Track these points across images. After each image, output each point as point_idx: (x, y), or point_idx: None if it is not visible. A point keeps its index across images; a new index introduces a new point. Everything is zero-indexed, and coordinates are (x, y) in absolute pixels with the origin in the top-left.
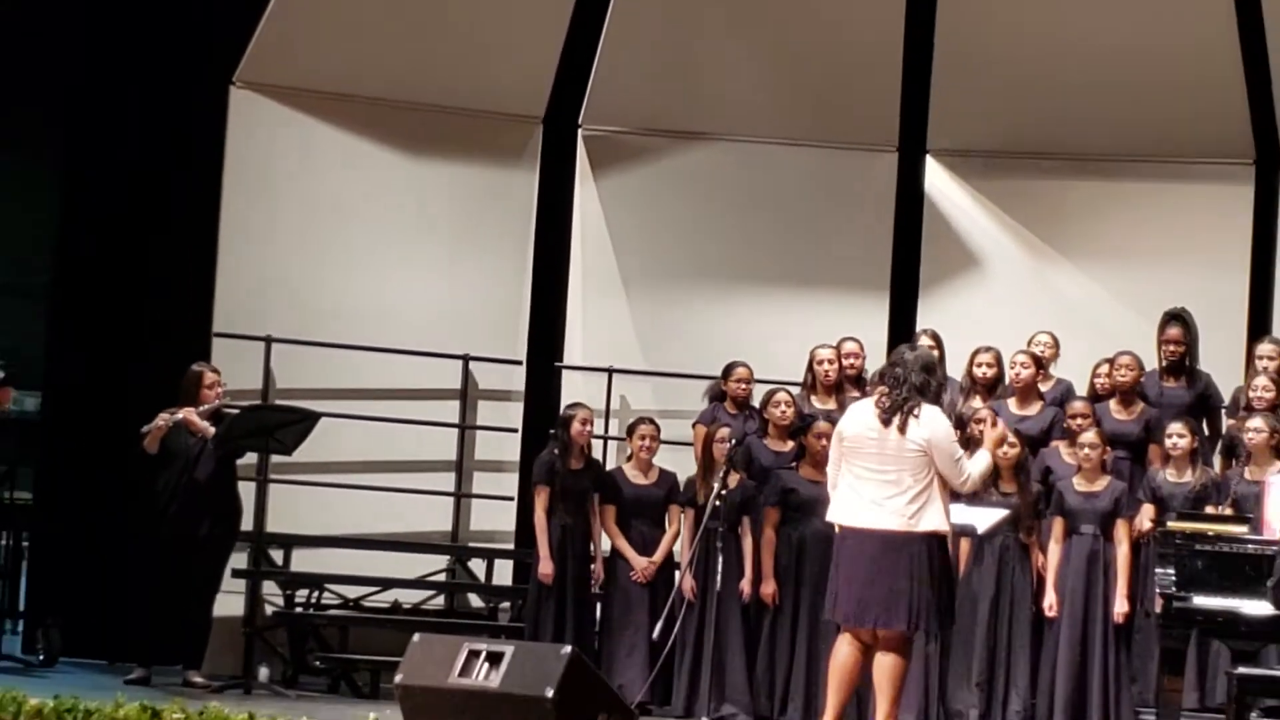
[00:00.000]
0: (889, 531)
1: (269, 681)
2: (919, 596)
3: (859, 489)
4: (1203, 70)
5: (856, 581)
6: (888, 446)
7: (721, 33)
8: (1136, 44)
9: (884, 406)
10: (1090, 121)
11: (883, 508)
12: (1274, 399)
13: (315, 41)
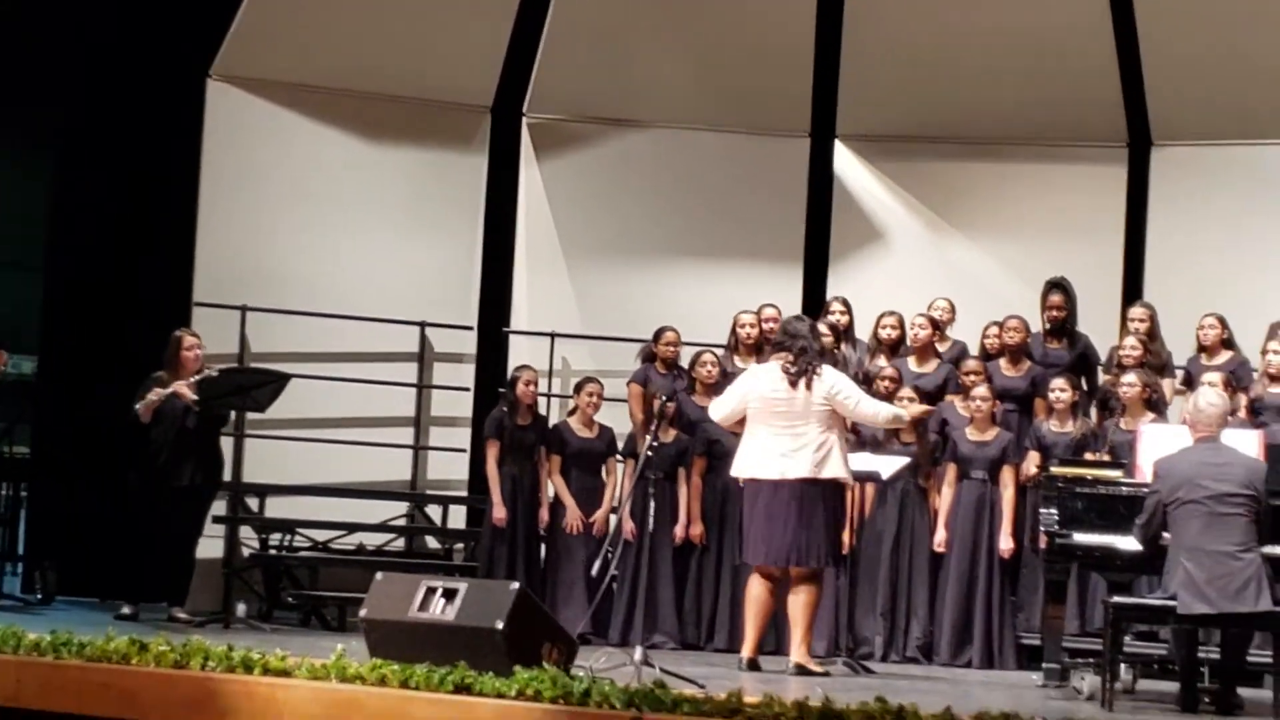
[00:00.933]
0: (799, 480)
1: (246, 617)
2: (824, 537)
3: (768, 445)
4: (1082, 61)
5: (773, 527)
6: (796, 405)
7: (652, 28)
8: (1023, 36)
9: (791, 371)
10: (982, 108)
11: (792, 459)
12: (1141, 356)
13: (284, 37)
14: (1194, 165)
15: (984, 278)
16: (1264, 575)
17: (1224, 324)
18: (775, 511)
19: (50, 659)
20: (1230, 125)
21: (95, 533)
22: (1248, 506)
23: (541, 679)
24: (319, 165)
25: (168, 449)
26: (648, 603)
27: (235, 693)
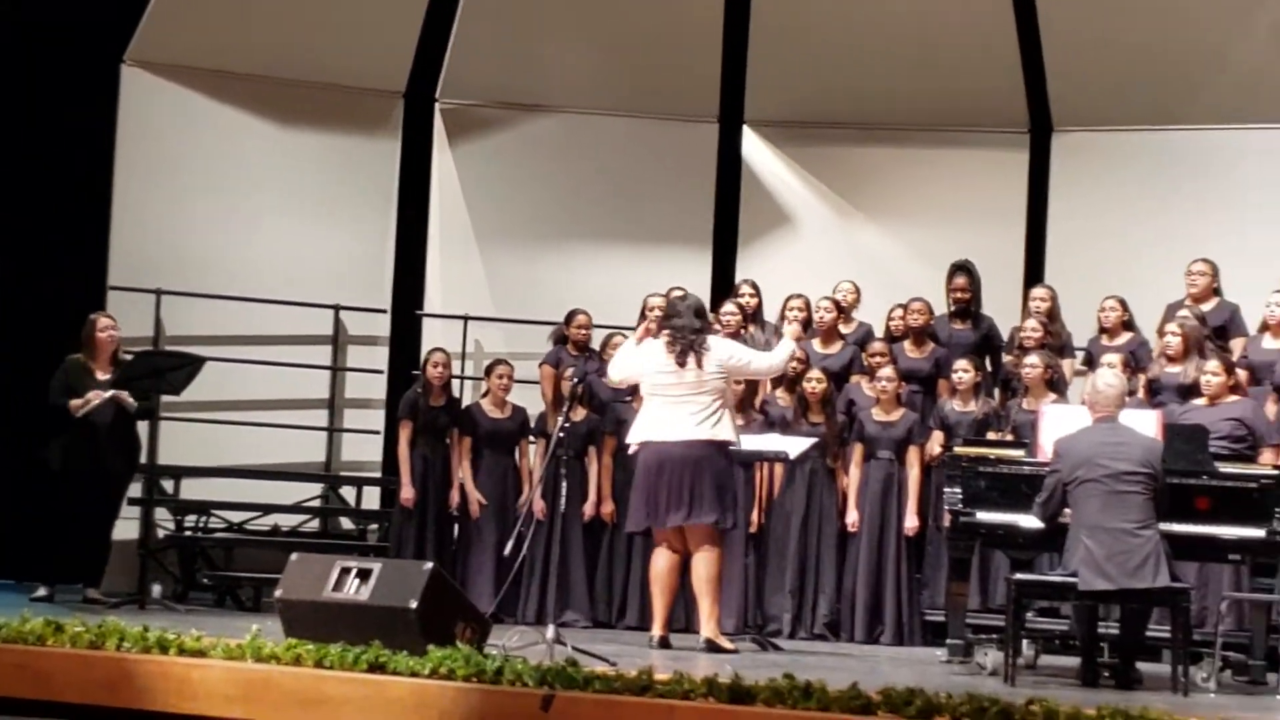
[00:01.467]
0: (687, 440)
1: (161, 598)
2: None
3: (661, 416)
4: (984, 48)
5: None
6: (687, 380)
7: (563, 14)
8: (927, 23)
9: (676, 351)
10: (888, 94)
11: (682, 423)
12: (1042, 338)
13: (198, 23)
14: (1094, 150)
15: (889, 261)
16: (1162, 552)
17: (1124, 306)
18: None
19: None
20: (1130, 111)
21: (10, 515)
22: (1145, 484)
23: (455, 658)
24: (234, 150)
25: (85, 433)
26: (559, 581)
27: (150, 673)
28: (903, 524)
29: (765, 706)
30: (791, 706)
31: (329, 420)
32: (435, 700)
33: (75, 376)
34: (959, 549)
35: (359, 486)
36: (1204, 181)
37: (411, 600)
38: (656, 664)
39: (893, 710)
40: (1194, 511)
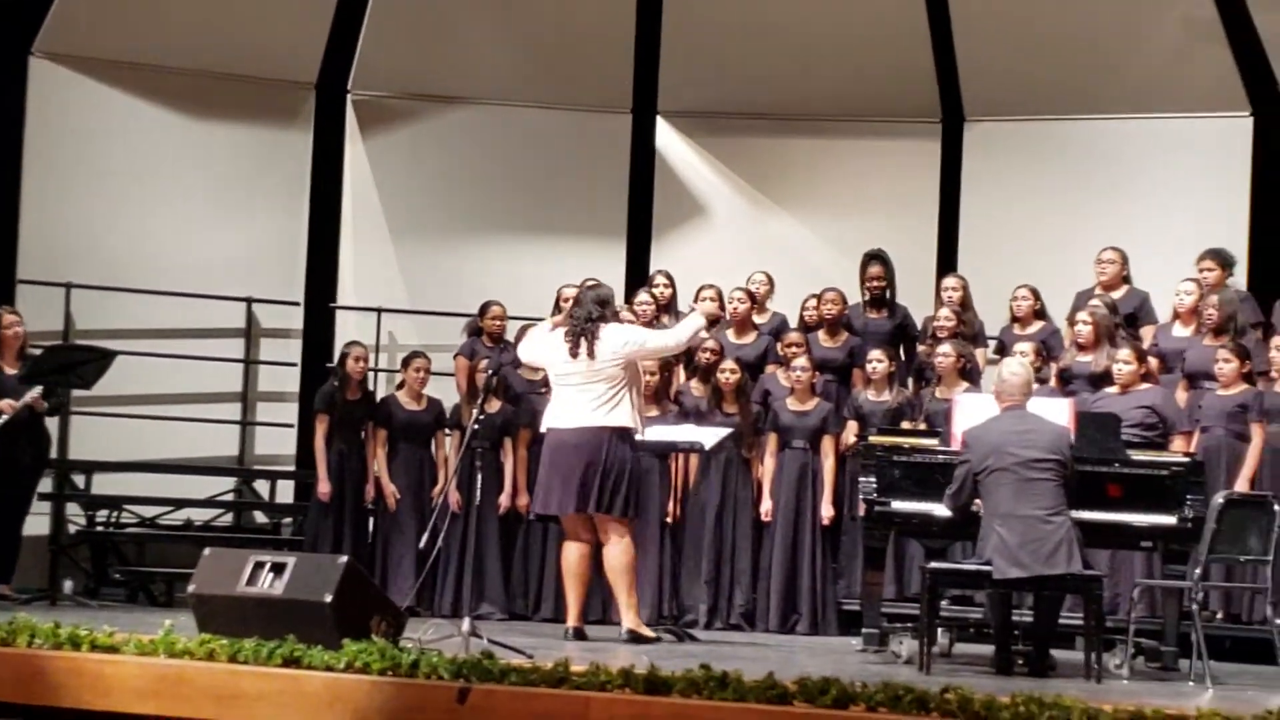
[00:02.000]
0: (582, 427)
1: (73, 593)
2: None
3: (565, 400)
4: (897, 39)
5: (558, 472)
6: (579, 368)
7: (476, 5)
8: (840, 15)
9: (570, 342)
10: (801, 85)
11: (579, 411)
12: (955, 327)
13: (107, 15)
14: (1006, 140)
15: (802, 251)
16: (1074, 538)
17: (1036, 295)
18: (567, 458)
19: None
20: (1041, 101)
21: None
22: (1055, 471)
23: (370, 651)
24: (145, 143)
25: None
26: (475, 573)
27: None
28: (818, 513)
29: (681, 697)
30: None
31: (242, 414)
32: (350, 694)
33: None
34: (874, 538)
35: (272, 480)
36: (1114, 171)
37: (326, 594)
38: (573, 656)
39: (808, 700)
40: (1106, 499)
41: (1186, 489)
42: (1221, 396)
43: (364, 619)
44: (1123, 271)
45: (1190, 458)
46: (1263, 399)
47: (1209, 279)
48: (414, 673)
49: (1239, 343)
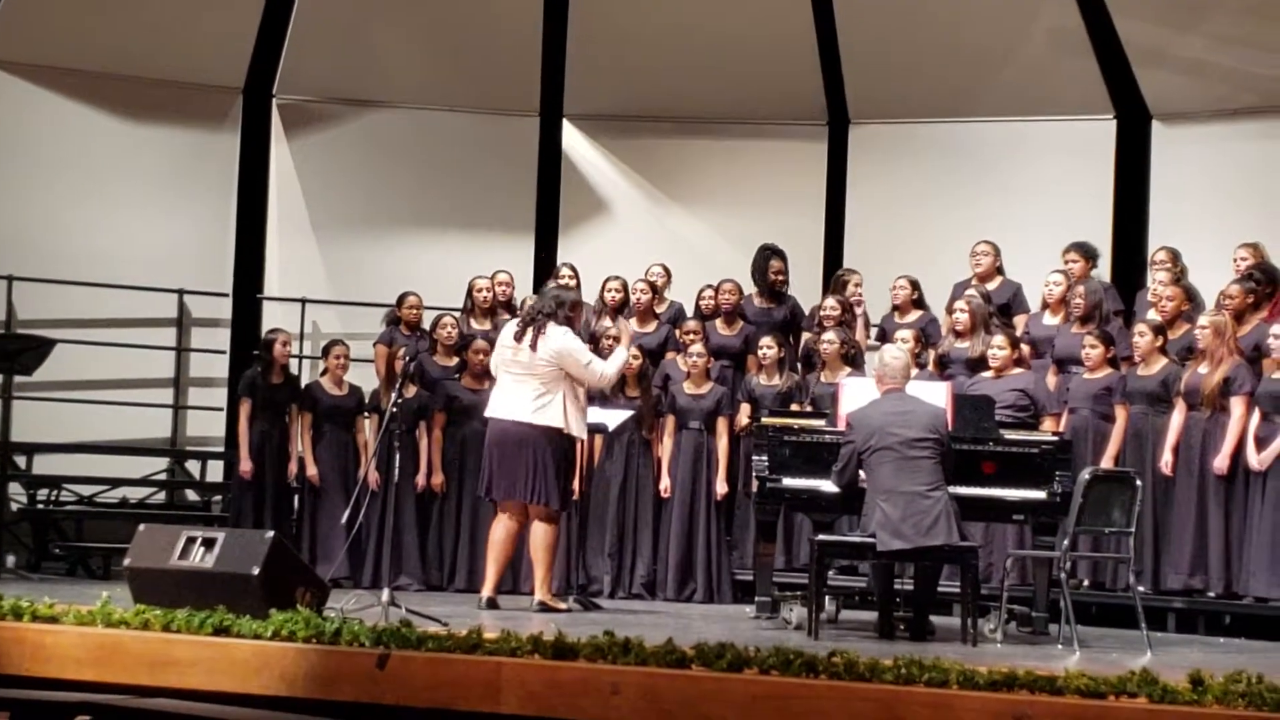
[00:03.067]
0: (516, 421)
1: (15, 568)
2: (537, 476)
3: (505, 389)
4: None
5: (495, 461)
6: (522, 357)
7: (393, 14)
8: (734, 23)
9: (519, 328)
10: (697, 90)
11: (517, 403)
12: (840, 316)
13: (46, 23)
14: (888, 141)
15: (699, 245)
16: (951, 512)
17: (915, 285)
18: (504, 450)
19: None
20: (921, 105)
21: None
22: (933, 450)
23: (295, 620)
24: (81, 143)
25: None
26: (393, 547)
27: (6, 639)
28: (713, 490)
29: (587, 662)
30: (612, 662)
31: (174, 398)
32: (277, 661)
33: None
34: (765, 512)
35: (203, 460)
36: (989, 170)
37: (254, 567)
38: (486, 623)
39: (705, 664)
40: (981, 475)
41: (1055, 466)
42: (1087, 380)
43: (290, 590)
44: (996, 264)
45: (1059, 437)
46: (1125, 382)
47: (1075, 270)
48: (337, 640)
49: (1103, 330)
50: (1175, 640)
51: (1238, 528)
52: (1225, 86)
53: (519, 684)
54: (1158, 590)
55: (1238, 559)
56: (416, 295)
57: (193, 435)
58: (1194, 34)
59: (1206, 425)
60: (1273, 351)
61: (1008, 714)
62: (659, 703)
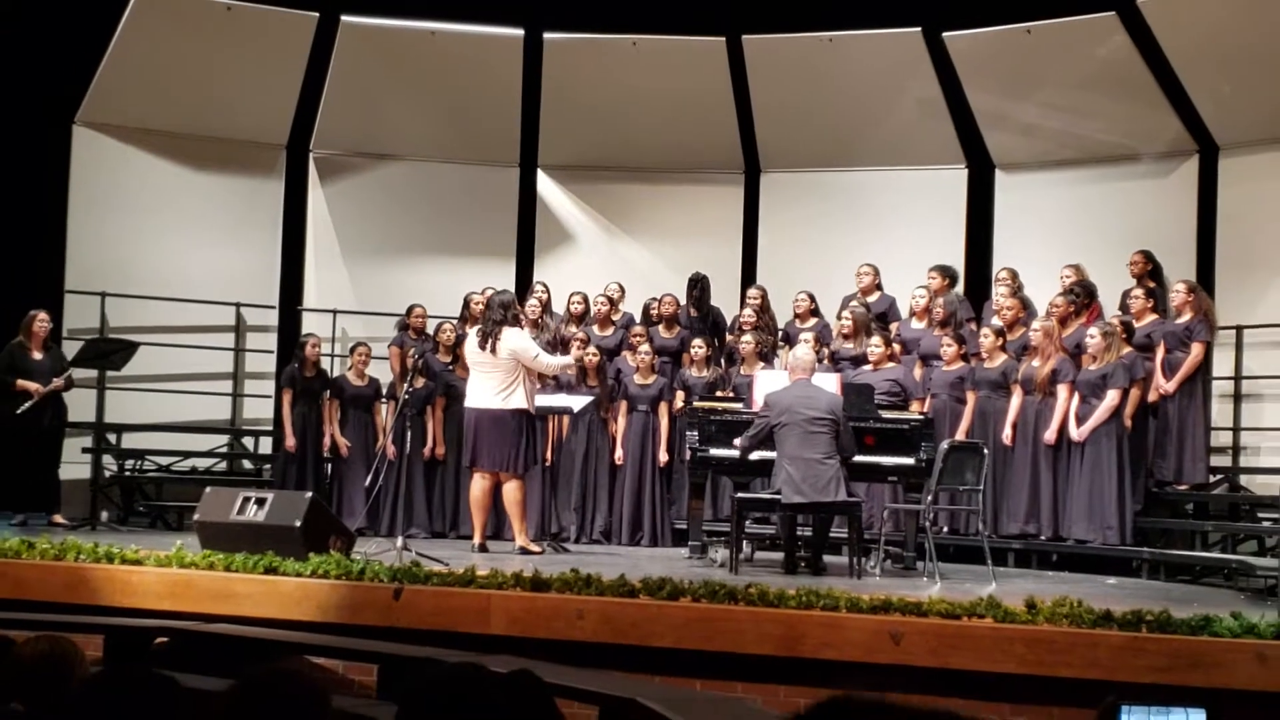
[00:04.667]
0: (489, 408)
1: (108, 521)
2: (510, 448)
3: (477, 383)
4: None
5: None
6: (486, 360)
7: (405, 87)
8: (671, 92)
9: (480, 337)
10: (643, 145)
11: (487, 394)
12: (755, 322)
13: (129, 92)
14: (790, 185)
15: (645, 267)
16: (841, 475)
17: (812, 298)
18: (479, 430)
19: None
20: (817, 156)
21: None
22: (830, 427)
23: (329, 562)
24: (160, 189)
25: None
26: (406, 504)
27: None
28: (656, 458)
29: (558, 593)
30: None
31: (233, 388)
32: (315, 594)
33: (16, 357)
34: (697, 476)
35: (255, 437)
36: (869, 207)
37: (296, 520)
38: (478, 564)
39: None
40: (864, 446)
41: (921, 438)
42: (945, 372)
43: (324, 538)
44: (875, 281)
45: (923, 416)
46: (974, 373)
47: (936, 286)
48: (361, 577)
49: (958, 333)
50: (1014, 573)
51: (1062, 485)
52: (1053, 143)
53: (504, 611)
54: (1000, 534)
55: (1062, 510)
56: (422, 306)
57: (248, 417)
58: (1028, 102)
59: (1038, 406)
60: (1089, 349)
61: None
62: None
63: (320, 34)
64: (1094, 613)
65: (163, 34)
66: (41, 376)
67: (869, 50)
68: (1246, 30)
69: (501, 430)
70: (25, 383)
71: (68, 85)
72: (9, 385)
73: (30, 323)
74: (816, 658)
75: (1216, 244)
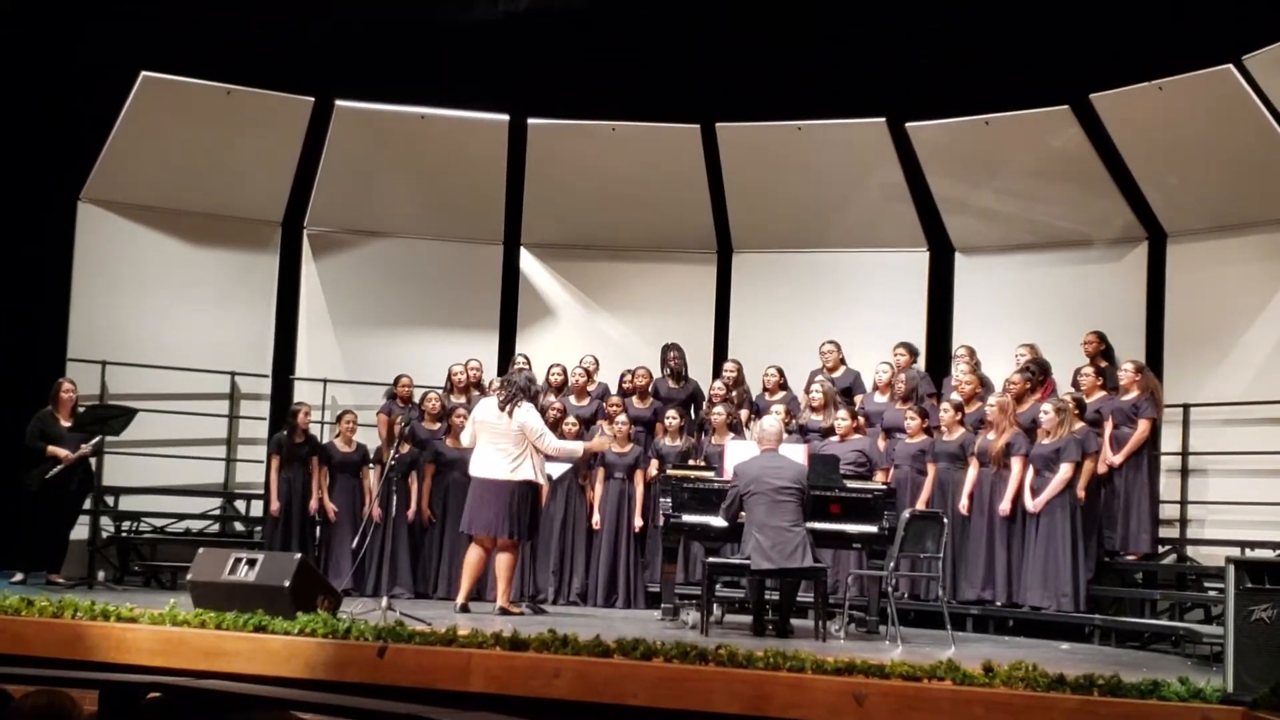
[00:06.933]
0: (497, 479)
1: (105, 580)
2: (507, 518)
3: (486, 454)
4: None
5: (475, 507)
6: (500, 426)
7: (392, 169)
8: (648, 177)
9: (500, 401)
10: (620, 225)
11: (496, 463)
12: (724, 395)
13: (134, 173)
14: (760, 265)
15: (621, 341)
16: (807, 542)
17: (781, 373)
18: (487, 499)
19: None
20: (785, 239)
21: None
22: (796, 495)
23: (316, 621)
24: (160, 262)
25: (60, 466)
26: (391, 565)
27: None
28: (631, 524)
29: (536, 652)
30: (554, 652)
31: (226, 453)
32: (302, 652)
33: (46, 424)
34: (670, 541)
35: (248, 500)
36: (835, 287)
37: (285, 581)
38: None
39: (624, 654)
40: (829, 514)
41: (884, 507)
42: (908, 444)
43: (312, 598)
44: (840, 357)
45: (887, 486)
46: (935, 446)
47: (899, 362)
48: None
49: (920, 407)
50: (972, 638)
51: (1017, 554)
52: (1009, 228)
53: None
54: (958, 600)
55: (1017, 577)
56: (408, 376)
57: (240, 481)
58: (987, 189)
59: (993, 478)
60: (1043, 424)
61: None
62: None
63: (316, 117)
64: (1048, 676)
65: (165, 116)
66: (69, 443)
67: (836, 138)
68: (1192, 126)
69: (505, 499)
70: (55, 449)
71: (74, 163)
72: (40, 451)
73: (58, 391)
74: (783, 717)
75: (1165, 326)
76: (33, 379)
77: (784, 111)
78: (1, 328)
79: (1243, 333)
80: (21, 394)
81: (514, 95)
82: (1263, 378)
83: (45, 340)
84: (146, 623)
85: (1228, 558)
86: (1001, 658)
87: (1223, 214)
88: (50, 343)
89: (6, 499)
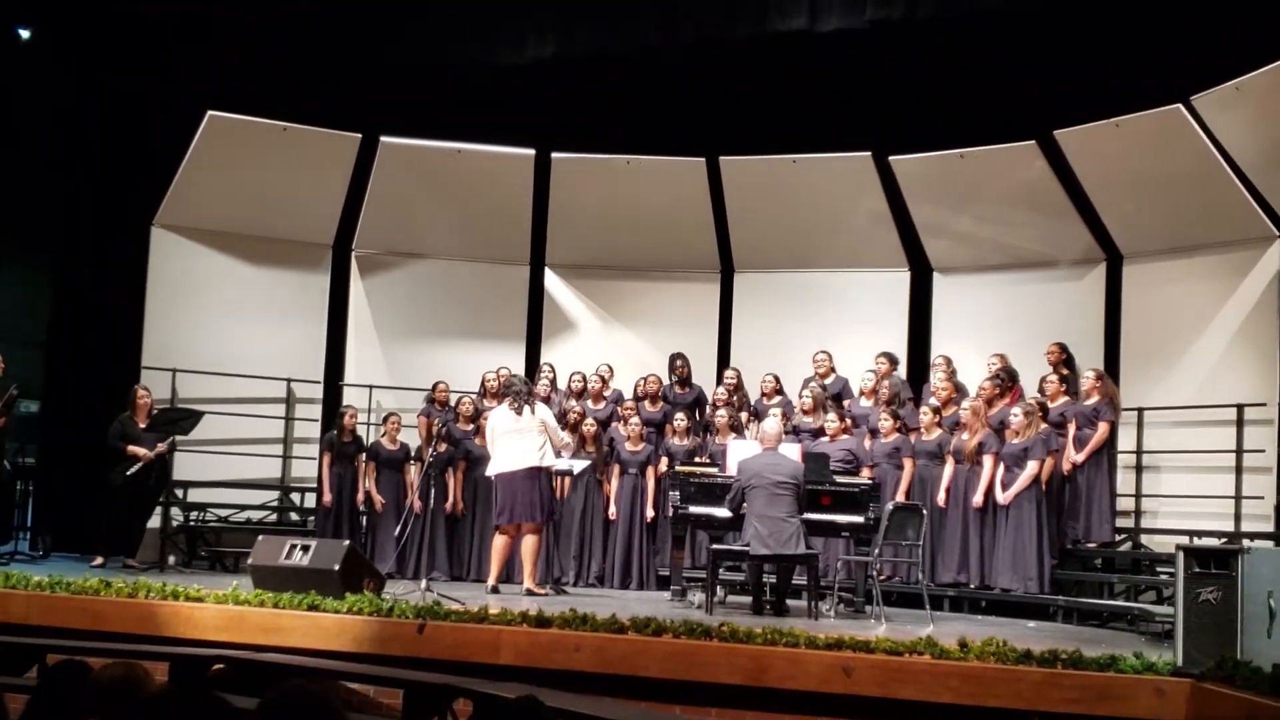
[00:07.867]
0: (521, 468)
1: (175, 565)
2: (531, 503)
3: (509, 448)
4: (693, 218)
5: (502, 499)
6: (524, 423)
7: (431, 196)
8: (658, 203)
9: (516, 406)
10: (633, 246)
11: (524, 453)
12: (727, 399)
13: (201, 200)
14: (759, 284)
15: (635, 351)
16: (801, 531)
17: (777, 380)
18: (512, 488)
19: (48, 592)
20: (782, 259)
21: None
22: (793, 489)
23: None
24: (225, 281)
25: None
26: (430, 551)
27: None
28: (644, 514)
29: (559, 629)
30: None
31: (283, 451)
32: (350, 628)
33: (126, 426)
34: (678, 530)
35: (302, 493)
36: (826, 304)
37: (335, 565)
38: (491, 603)
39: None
40: (821, 506)
41: (869, 500)
42: (882, 443)
43: (359, 580)
44: (832, 365)
45: (872, 480)
46: (913, 445)
47: (882, 370)
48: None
49: (895, 410)
50: (949, 617)
51: (989, 541)
52: (984, 250)
53: (513, 644)
54: (936, 583)
55: (989, 562)
56: (445, 382)
57: (295, 476)
58: (963, 214)
59: (968, 474)
60: (1012, 425)
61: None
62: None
63: (363, 152)
64: (1017, 651)
65: (229, 150)
66: (146, 442)
67: (827, 170)
68: (1146, 159)
69: (532, 485)
70: (135, 448)
71: (148, 193)
72: (121, 450)
73: (134, 396)
74: (780, 687)
75: (1122, 337)
76: (112, 386)
77: (781, 146)
78: (84, 340)
79: (1191, 343)
80: (103, 399)
81: (539, 132)
82: (1209, 384)
83: (123, 351)
84: (212, 602)
85: (1178, 545)
86: (975, 634)
87: (1173, 238)
88: (127, 353)
89: (91, 492)
